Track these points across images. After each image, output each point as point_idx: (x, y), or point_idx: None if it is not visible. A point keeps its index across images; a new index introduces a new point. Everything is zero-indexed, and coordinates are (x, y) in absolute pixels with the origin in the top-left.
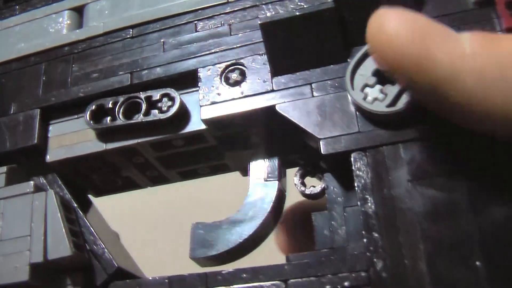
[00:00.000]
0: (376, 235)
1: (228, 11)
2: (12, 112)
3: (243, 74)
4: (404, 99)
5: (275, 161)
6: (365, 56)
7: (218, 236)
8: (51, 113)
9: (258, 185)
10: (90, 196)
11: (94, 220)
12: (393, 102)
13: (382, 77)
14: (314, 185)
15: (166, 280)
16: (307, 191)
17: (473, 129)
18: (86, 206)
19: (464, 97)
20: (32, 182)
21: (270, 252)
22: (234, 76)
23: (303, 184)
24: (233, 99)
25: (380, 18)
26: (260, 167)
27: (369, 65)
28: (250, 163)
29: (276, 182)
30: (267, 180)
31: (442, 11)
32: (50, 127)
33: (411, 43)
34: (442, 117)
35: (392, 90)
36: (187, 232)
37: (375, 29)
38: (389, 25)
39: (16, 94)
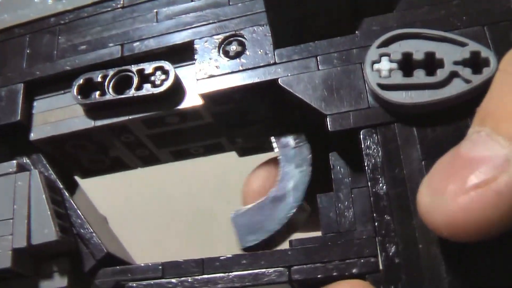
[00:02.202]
0: (387, 217)
1: None
2: None
3: (243, 46)
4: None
5: (296, 128)
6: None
7: (264, 218)
8: (36, 88)
9: (288, 154)
10: (76, 178)
11: (81, 203)
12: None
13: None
14: None
15: (160, 267)
16: None
17: None
18: (72, 188)
19: None
20: (15, 162)
21: None
22: (233, 48)
23: None
24: (233, 72)
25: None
26: (283, 138)
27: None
28: (272, 137)
29: (307, 145)
30: (296, 147)
31: None
32: (35, 103)
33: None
34: None
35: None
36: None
37: (451, 221)
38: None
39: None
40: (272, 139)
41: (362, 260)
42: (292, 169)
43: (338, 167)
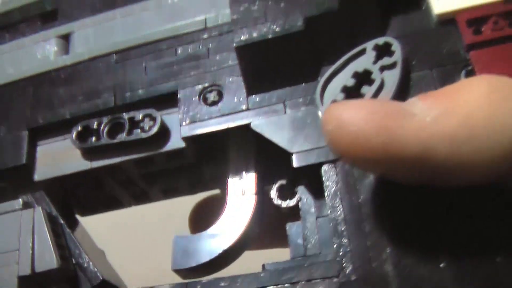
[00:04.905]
0: (345, 240)
1: (206, 36)
2: (1, 134)
3: (220, 94)
4: None
5: (253, 177)
6: (333, 74)
7: (199, 248)
8: (39, 134)
9: (235, 200)
10: (77, 216)
11: (80, 237)
12: None
13: (349, 94)
14: (290, 198)
15: None
16: (284, 205)
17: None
18: (73, 224)
19: (440, 166)
20: (20, 200)
21: (247, 262)
22: (212, 96)
23: (280, 197)
24: (211, 118)
25: (336, 118)
26: (238, 183)
27: (337, 83)
28: (228, 178)
29: (254, 196)
30: (243, 195)
31: (406, 30)
32: (38, 147)
33: (375, 135)
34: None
35: None
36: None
37: (335, 129)
38: (349, 123)
39: (6, 116)
40: (228, 181)
41: (326, 281)
42: (232, 214)
43: (305, 199)
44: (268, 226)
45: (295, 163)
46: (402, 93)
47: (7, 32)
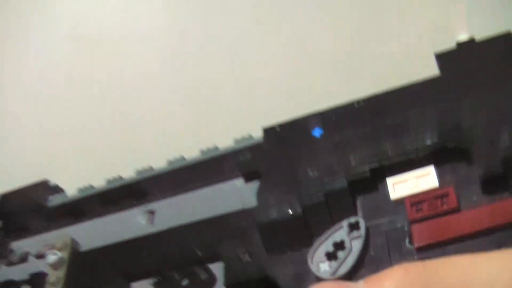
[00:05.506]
0: None
1: (240, 216)
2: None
3: (250, 255)
4: (341, 270)
5: None
6: (320, 244)
7: None
8: (131, 279)
9: None
10: None
11: None
12: (334, 273)
13: (329, 257)
14: None
15: None
16: None
17: None
18: None
19: None
20: None
21: None
22: (245, 255)
23: None
24: (244, 271)
25: None
26: None
27: (323, 250)
28: None
29: None
30: None
31: (370, 210)
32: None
33: None
34: None
35: (334, 265)
36: None
37: None
38: None
39: (108, 269)
40: None
41: None
42: None
43: None
44: None
45: None
46: (365, 254)
47: (109, 205)
